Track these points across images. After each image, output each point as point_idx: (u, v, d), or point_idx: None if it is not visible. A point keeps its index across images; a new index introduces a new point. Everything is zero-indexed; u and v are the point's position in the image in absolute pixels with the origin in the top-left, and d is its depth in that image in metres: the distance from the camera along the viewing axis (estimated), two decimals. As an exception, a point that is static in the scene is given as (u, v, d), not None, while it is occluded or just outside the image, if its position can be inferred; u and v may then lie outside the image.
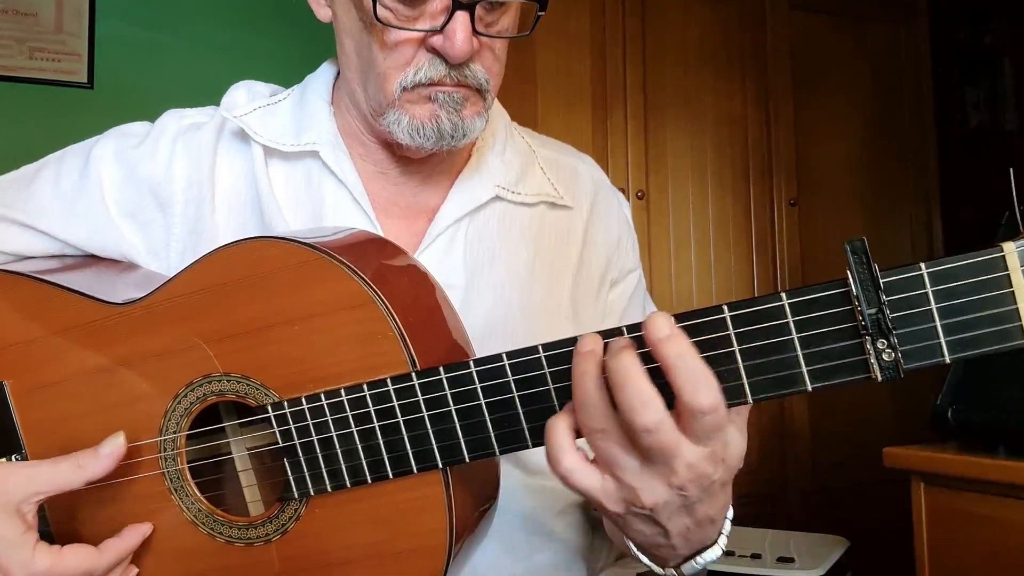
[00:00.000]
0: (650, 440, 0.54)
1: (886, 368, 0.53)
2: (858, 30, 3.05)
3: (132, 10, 2.59)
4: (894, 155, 3.08)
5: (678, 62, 2.75)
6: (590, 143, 2.63)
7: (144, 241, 0.83)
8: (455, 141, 0.77)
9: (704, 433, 0.55)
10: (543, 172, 0.91)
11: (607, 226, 0.93)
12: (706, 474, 0.56)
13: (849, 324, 0.54)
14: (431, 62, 0.74)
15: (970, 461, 1.38)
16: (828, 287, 0.54)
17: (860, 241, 0.52)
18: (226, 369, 0.68)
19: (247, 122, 0.83)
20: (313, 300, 0.65)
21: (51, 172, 0.85)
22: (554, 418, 0.58)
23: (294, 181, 0.84)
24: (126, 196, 0.83)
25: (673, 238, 2.73)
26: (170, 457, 0.71)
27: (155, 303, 0.71)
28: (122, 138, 0.85)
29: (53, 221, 0.83)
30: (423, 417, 0.63)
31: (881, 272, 0.53)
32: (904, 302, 0.53)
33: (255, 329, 0.67)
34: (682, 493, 0.57)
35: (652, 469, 0.56)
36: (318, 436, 0.66)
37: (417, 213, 0.85)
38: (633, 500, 0.58)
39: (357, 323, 0.64)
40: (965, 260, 0.52)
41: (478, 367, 0.62)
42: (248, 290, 0.67)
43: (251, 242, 0.68)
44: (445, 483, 0.64)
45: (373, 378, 0.64)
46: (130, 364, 0.72)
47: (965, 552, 1.39)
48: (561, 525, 0.84)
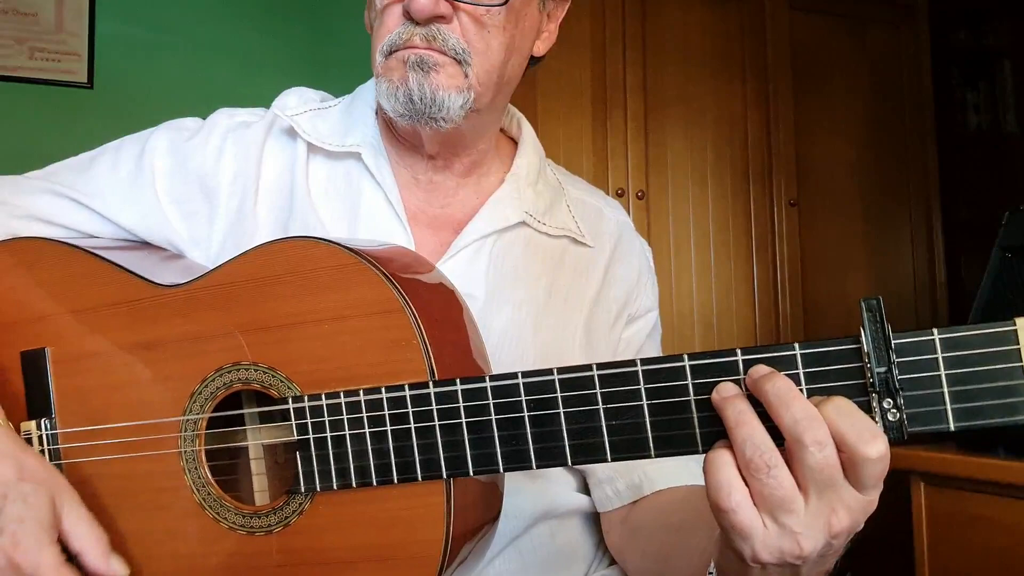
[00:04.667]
0: (819, 458, 0.52)
1: (890, 428, 0.54)
2: (858, 31, 3.06)
3: (132, 10, 2.60)
4: (894, 156, 3.07)
5: (678, 63, 2.77)
6: (590, 144, 2.65)
7: (188, 230, 0.87)
8: (430, 112, 0.79)
9: (871, 481, 0.54)
10: (569, 210, 0.95)
11: (629, 266, 0.96)
12: (856, 524, 0.55)
13: (857, 381, 0.55)
14: (404, 26, 0.78)
15: (970, 461, 1.37)
16: (840, 342, 0.55)
17: (876, 300, 0.54)
18: (255, 359, 0.71)
19: (298, 121, 0.89)
20: (347, 302, 0.68)
21: (109, 158, 0.90)
22: (717, 453, 0.56)
23: (335, 178, 0.89)
24: (175, 186, 0.88)
25: (673, 238, 2.73)
26: (189, 438, 0.74)
27: (197, 289, 0.75)
28: (176, 131, 0.91)
29: (108, 203, 0.88)
30: (434, 427, 0.65)
31: (894, 333, 0.54)
32: (914, 365, 0.54)
33: (288, 324, 0.70)
34: (833, 542, 0.55)
35: (818, 508, 0.54)
36: (332, 433, 0.68)
37: (445, 224, 0.89)
38: (791, 549, 0.55)
39: (385, 329, 0.67)
40: (978, 330, 0.53)
41: (493, 383, 0.63)
42: (286, 286, 0.71)
43: (296, 240, 0.71)
44: (447, 495, 0.66)
45: (393, 383, 0.66)
46: (166, 344, 0.75)
47: (965, 552, 1.37)
48: (558, 529, 0.86)
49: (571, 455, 0.62)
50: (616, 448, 0.61)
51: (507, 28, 0.81)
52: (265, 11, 2.72)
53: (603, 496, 0.90)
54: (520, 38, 0.84)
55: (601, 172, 2.65)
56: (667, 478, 0.88)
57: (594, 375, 0.61)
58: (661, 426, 0.59)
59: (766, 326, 2.82)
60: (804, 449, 0.53)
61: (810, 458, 0.53)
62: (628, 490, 0.89)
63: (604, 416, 0.61)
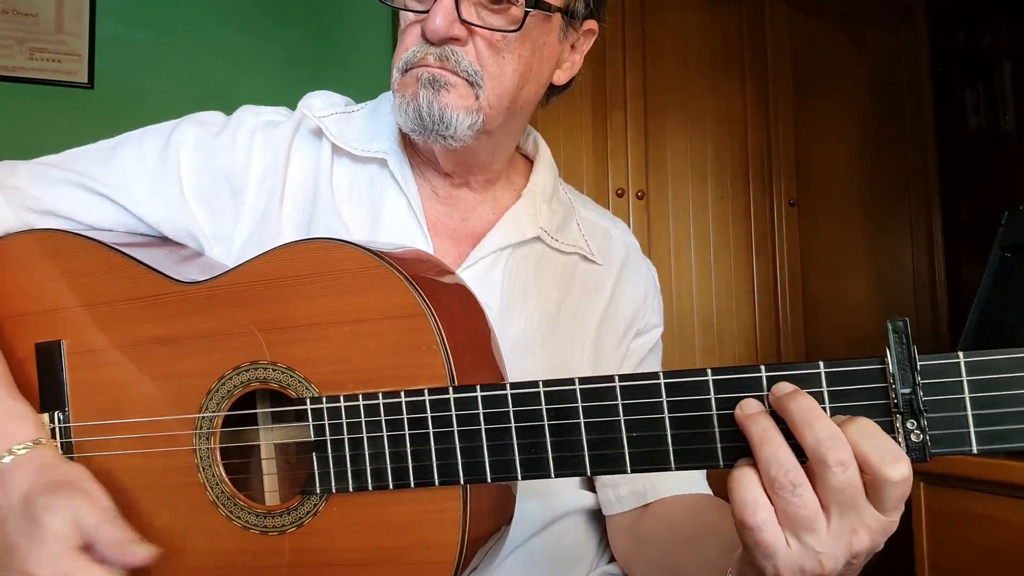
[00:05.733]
0: (842, 479, 0.53)
1: (913, 449, 0.54)
2: (857, 32, 3.07)
3: (132, 11, 2.60)
4: (893, 156, 3.08)
5: (678, 64, 2.78)
6: (590, 145, 2.65)
7: (213, 227, 0.87)
8: (438, 129, 0.80)
9: (892, 503, 0.54)
10: (579, 228, 0.97)
11: (635, 285, 0.98)
12: (876, 545, 0.55)
13: (882, 401, 0.55)
14: (421, 45, 0.80)
15: (970, 461, 1.37)
16: (866, 362, 0.56)
17: (903, 321, 0.54)
18: (273, 358, 0.71)
19: (326, 123, 0.89)
20: (368, 305, 0.68)
21: (132, 150, 0.89)
22: (742, 471, 0.56)
23: (359, 182, 0.89)
24: (202, 182, 0.87)
25: (673, 238, 2.74)
26: (204, 435, 0.74)
27: (217, 286, 0.75)
28: (202, 126, 0.90)
29: (132, 196, 0.87)
30: (453, 432, 0.65)
31: (919, 356, 0.54)
32: (938, 387, 0.54)
33: (308, 324, 0.70)
34: (853, 562, 0.55)
35: (839, 528, 0.54)
36: (349, 436, 0.68)
37: (463, 237, 0.91)
38: (813, 568, 0.55)
39: (406, 332, 0.67)
40: (1004, 355, 0.53)
41: (513, 391, 0.64)
42: (307, 286, 0.71)
43: (319, 242, 0.72)
44: (464, 500, 0.66)
45: (412, 387, 0.66)
46: (183, 341, 0.75)
47: (965, 552, 1.38)
48: (565, 529, 0.87)
49: (590, 465, 0.62)
50: (636, 460, 0.61)
51: (522, 55, 0.82)
52: (265, 13, 2.73)
53: (607, 499, 0.92)
54: (538, 66, 0.85)
55: (601, 172, 2.66)
56: (671, 486, 0.89)
57: (616, 386, 0.61)
58: (682, 439, 0.60)
59: (766, 326, 2.82)
60: (827, 469, 0.53)
61: (833, 478, 0.53)
62: (631, 496, 0.90)
63: (624, 427, 0.61)
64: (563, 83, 0.91)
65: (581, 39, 0.91)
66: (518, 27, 0.79)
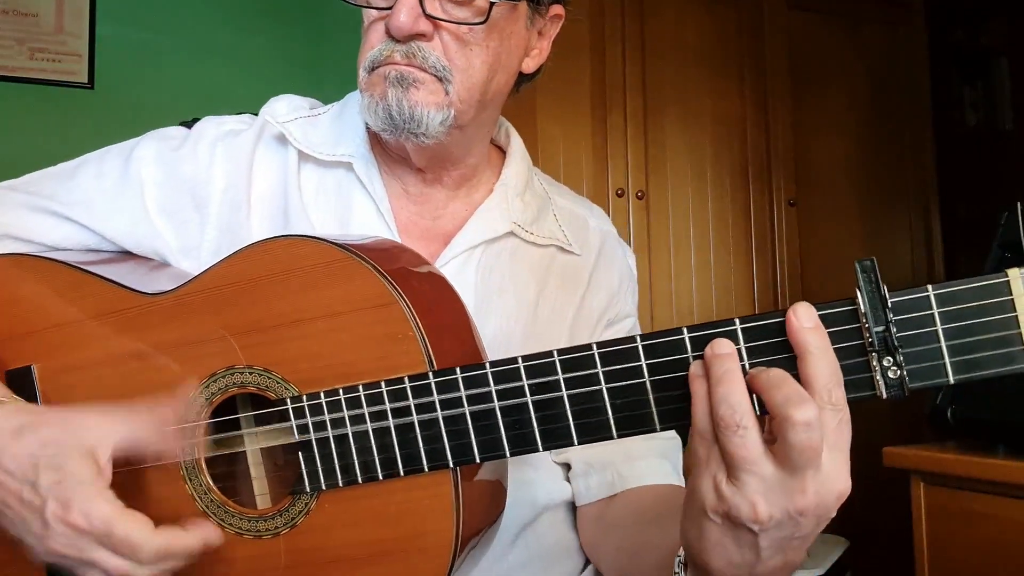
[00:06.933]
0: (803, 437, 0.52)
1: (891, 386, 0.55)
2: (855, 30, 3.09)
3: (132, 11, 2.61)
4: (892, 154, 3.10)
5: (676, 62, 2.78)
6: (589, 144, 2.66)
7: (178, 240, 0.86)
8: (410, 127, 0.79)
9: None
10: (555, 219, 0.95)
11: (610, 273, 0.97)
12: (826, 506, 0.54)
13: (856, 342, 0.55)
14: (386, 43, 0.79)
15: (970, 460, 1.37)
16: (837, 304, 0.56)
17: (870, 261, 0.55)
18: (249, 361, 0.71)
19: (289, 128, 0.87)
20: (339, 298, 0.68)
21: (92, 168, 0.88)
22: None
23: (325, 187, 0.88)
24: (165, 195, 0.86)
25: (673, 238, 2.75)
26: (188, 446, 0.73)
27: (185, 295, 0.74)
28: (162, 140, 0.89)
29: (93, 215, 0.86)
30: (437, 417, 0.65)
31: (889, 292, 0.55)
32: (910, 322, 0.55)
33: (280, 324, 0.70)
34: (800, 517, 0.54)
35: (785, 483, 0.54)
36: (334, 431, 0.68)
37: (434, 237, 0.89)
38: (746, 513, 0.54)
39: (380, 323, 0.67)
40: (971, 284, 0.54)
41: (493, 368, 0.63)
42: (276, 286, 0.70)
43: (282, 239, 0.71)
44: (455, 483, 0.66)
45: (392, 376, 0.66)
46: (156, 353, 0.74)
47: (965, 551, 1.38)
48: (545, 523, 0.87)
49: (577, 435, 0.62)
50: (620, 425, 0.61)
51: (490, 46, 0.81)
52: (264, 14, 2.73)
53: (578, 490, 0.90)
54: (506, 56, 0.83)
55: (601, 172, 2.66)
56: (642, 477, 0.89)
57: (595, 354, 0.61)
58: (664, 401, 0.60)
59: (766, 325, 2.85)
60: (787, 431, 0.52)
61: (791, 438, 0.52)
62: (600, 486, 0.89)
63: (607, 395, 0.61)
64: (532, 71, 0.90)
65: (548, 25, 0.89)
66: (484, 19, 0.78)
